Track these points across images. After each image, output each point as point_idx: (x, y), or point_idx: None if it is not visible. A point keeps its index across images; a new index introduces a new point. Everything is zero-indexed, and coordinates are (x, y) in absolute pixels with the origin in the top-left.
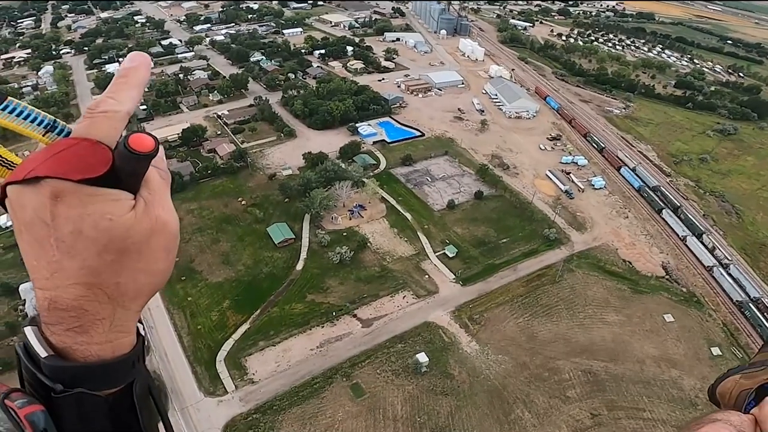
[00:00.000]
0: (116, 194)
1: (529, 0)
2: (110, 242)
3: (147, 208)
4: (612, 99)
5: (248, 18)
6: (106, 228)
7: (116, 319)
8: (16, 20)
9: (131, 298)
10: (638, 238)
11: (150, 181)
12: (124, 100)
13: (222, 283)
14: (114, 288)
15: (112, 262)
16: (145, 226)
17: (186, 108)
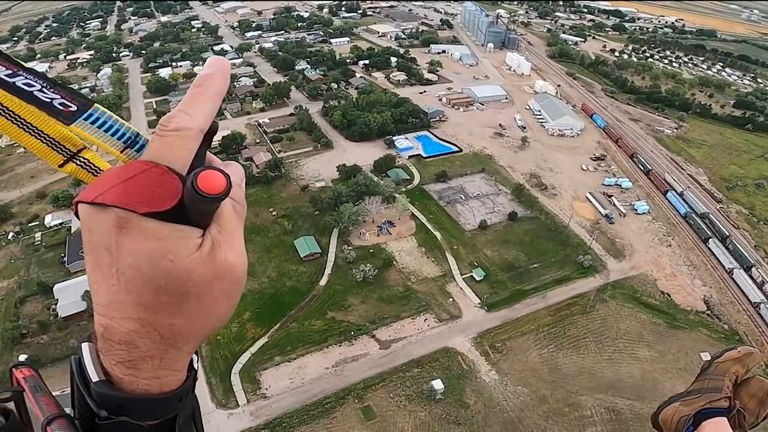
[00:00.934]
0: (182, 231)
1: (582, 15)
2: (168, 283)
3: (213, 249)
4: (664, 118)
5: (298, 26)
6: (166, 269)
7: (166, 358)
8: (85, 21)
9: (185, 340)
10: (680, 269)
11: (222, 216)
12: (198, 114)
13: (245, 294)
14: (168, 329)
15: (169, 303)
16: (209, 269)
17: (230, 115)
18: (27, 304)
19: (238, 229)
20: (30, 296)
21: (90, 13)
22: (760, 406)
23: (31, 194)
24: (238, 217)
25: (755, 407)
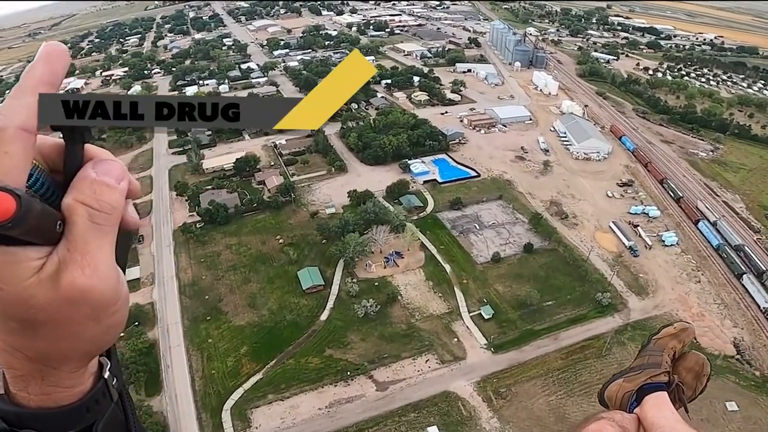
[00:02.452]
0: (11, 255)
1: (616, 33)
2: (7, 312)
3: (59, 271)
4: (699, 140)
5: (325, 45)
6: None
7: (47, 377)
8: (125, 37)
9: (58, 362)
10: (709, 308)
11: (72, 227)
12: (12, 111)
13: (244, 327)
14: (32, 350)
15: (21, 329)
16: (53, 294)
17: (248, 135)
18: None
19: (97, 244)
20: None
21: (130, 29)
22: (696, 380)
23: None
24: (99, 231)
25: (692, 381)
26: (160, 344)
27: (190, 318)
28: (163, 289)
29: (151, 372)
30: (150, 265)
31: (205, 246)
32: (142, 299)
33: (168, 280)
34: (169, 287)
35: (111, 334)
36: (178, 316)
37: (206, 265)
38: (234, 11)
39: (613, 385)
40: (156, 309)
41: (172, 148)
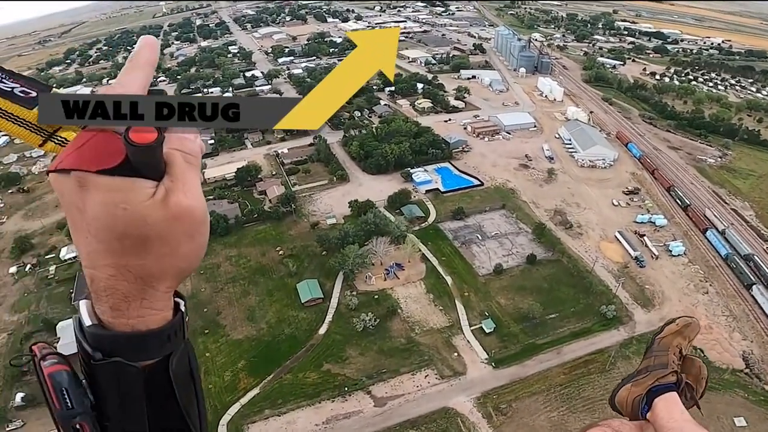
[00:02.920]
0: (133, 183)
1: (622, 37)
2: (127, 229)
3: (167, 195)
4: (707, 146)
5: (330, 52)
6: (122, 216)
7: (146, 297)
8: (132, 45)
9: (158, 279)
10: (717, 320)
11: (172, 166)
12: (128, 82)
13: (242, 341)
14: (140, 269)
15: (133, 246)
16: (164, 213)
17: (250, 144)
18: (32, 340)
19: (192, 177)
20: (35, 332)
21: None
22: (696, 383)
23: (52, 225)
24: (191, 168)
25: (693, 383)
26: None
27: (188, 331)
28: None
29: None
30: None
31: (205, 258)
32: None
33: None
34: None
35: (198, 252)
36: None
37: (206, 277)
38: (240, 18)
39: (623, 390)
40: None
41: None
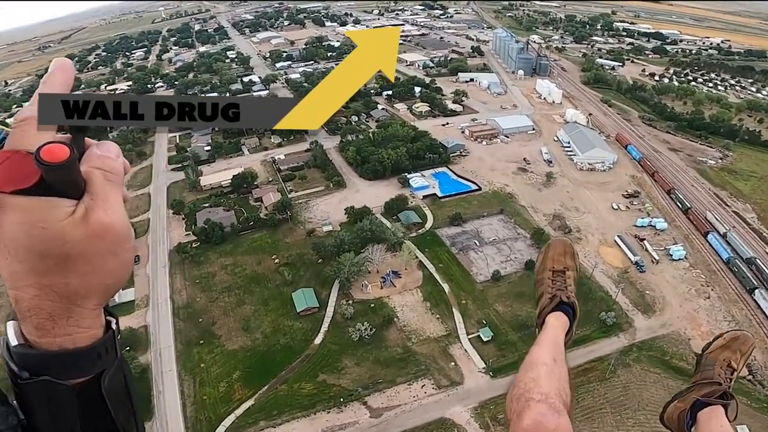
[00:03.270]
0: (49, 202)
1: (621, 38)
2: (47, 248)
3: (87, 214)
4: (707, 147)
5: (327, 56)
6: (39, 236)
7: (73, 315)
8: (131, 51)
9: (84, 297)
10: (719, 326)
11: (92, 184)
12: None
13: (237, 351)
14: (64, 287)
15: (56, 265)
16: (84, 231)
17: (247, 150)
18: None
19: (113, 194)
20: None
21: (137, 42)
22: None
23: None
24: (112, 185)
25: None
26: (152, 369)
27: (183, 342)
28: (157, 312)
29: (142, 398)
30: (145, 286)
31: (200, 266)
32: (135, 322)
33: (162, 303)
34: (163, 310)
35: (124, 269)
36: (171, 340)
37: (201, 287)
38: (239, 23)
39: (670, 407)
40: (149, 332)
41: (172, 164)
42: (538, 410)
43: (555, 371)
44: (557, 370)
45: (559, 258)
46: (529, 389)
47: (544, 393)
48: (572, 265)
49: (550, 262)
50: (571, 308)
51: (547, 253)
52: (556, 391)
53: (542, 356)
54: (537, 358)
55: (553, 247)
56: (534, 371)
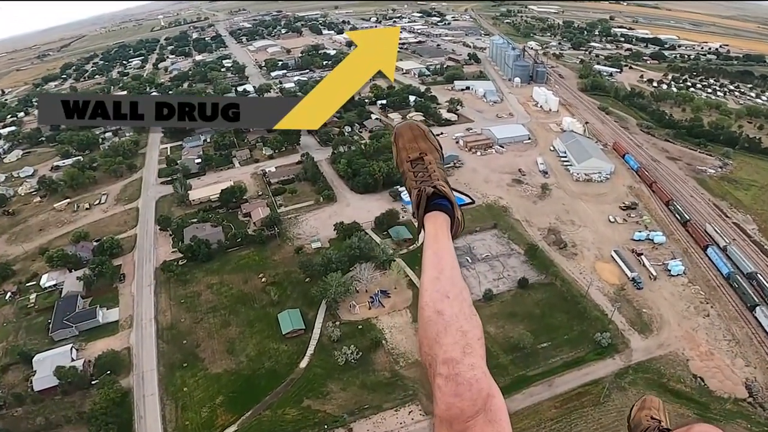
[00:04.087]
0: None
1: (619, 44)
2: None
3: None
4: (707, 155)
5: (323, 64)
6: None
7: None
8: (128, 60)
9: None
10: (719, 345)
11: None
12: None
13: (221, 375)
14: None
15: None
16: None
17: (238, 163)
18: (9, 373)
19: None
20: (12, 365)
21: (135, 51)
22: None
23: (34, 250)
24: None
25: None
26: (134, 393)
27: (166, 365)
28: (141, 333)
29: (123, 423)
30: (129, 306)
31: (186, 285)
32: (119, 344)
33: (146, 323)
34: (147, 331)
35: None
36: (154, 363)
37: (186, 307)
38: (236, 32)
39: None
40: (132, 355)
41: (162, 177)
42: (448, 390)
43: (453, 309)
44: (454, 304)
45: (411, 145)
46: (434, 356)
47: (447, 358)
48: (428, 147)
49: (404, 153)
50: (446, 198)
51: (398, 144)
52: (460, 338)
53: (435, 296)
54: (430, 302)
55: (401, 136)
56: (432, 327)
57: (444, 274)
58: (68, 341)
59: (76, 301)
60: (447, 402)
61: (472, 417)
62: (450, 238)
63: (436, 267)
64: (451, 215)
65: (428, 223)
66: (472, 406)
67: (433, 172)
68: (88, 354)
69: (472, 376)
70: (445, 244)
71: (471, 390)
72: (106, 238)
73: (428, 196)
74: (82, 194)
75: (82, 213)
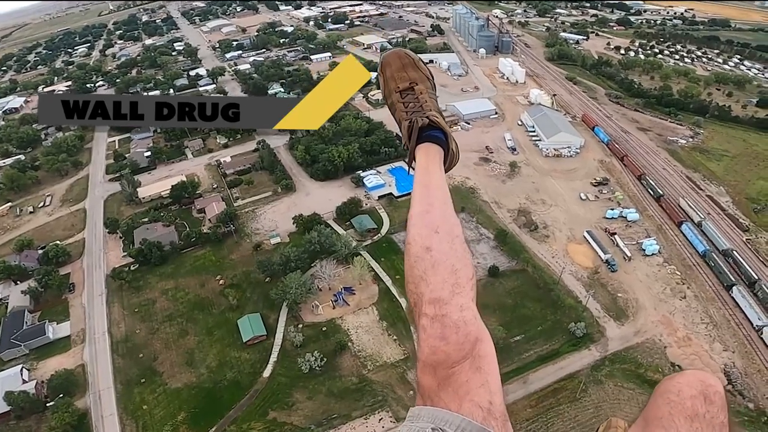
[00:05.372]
0: None
1: (584, 10)
2: None
3: None
4: (677, 125)
5: (280, 43)
6: None
7: None
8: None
9: None
10: (696, 329)
11: None
12: None
13: (181, 389)
14: None
15: None
16: None
17: (191, 154)
18: None
19: None
20: None
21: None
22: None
23: None
24: None
25: None
26: (92, 413)
27: (123, 381)
28: (95, 348)
29: None
30: (81, 319)
31: (139, 292)
32: (71, 362)
33: (100, 337)
34: (101, 345)
35: None
36: (111, 380)
37: (140, 316)
38: (189, 12)
39: None
40: (87, 372)
41: (110, 173)
42: (433, 332)
43: (442, 246)
44: (444, 240)
45: (401, 74)
46: (420, 294)
47: (434, 297)
48: (419, 76)
49: (393, 83)
50: (438, 129)
51: (385, 74)
52: (448, 276)
53: (423, 231)
54: (418, 238)
55: (389, 65)
56: (420, 265)
57: (434, 207)
58: (18, 361)
59: (23, 317)
60: (431, 345)
61: (457, 362)
62: (443, 172)
63: (425, 200)
64: (445, 147)
65: (420, 155)
66: (459, 351)
67: (425, 102)
68: (41, 374)
69: (460, 317)
70: (436, 177)
71: (458, 333)
72: (51, 246)
73: (421, 127)
74: (24, 196)
75: (26, 217)
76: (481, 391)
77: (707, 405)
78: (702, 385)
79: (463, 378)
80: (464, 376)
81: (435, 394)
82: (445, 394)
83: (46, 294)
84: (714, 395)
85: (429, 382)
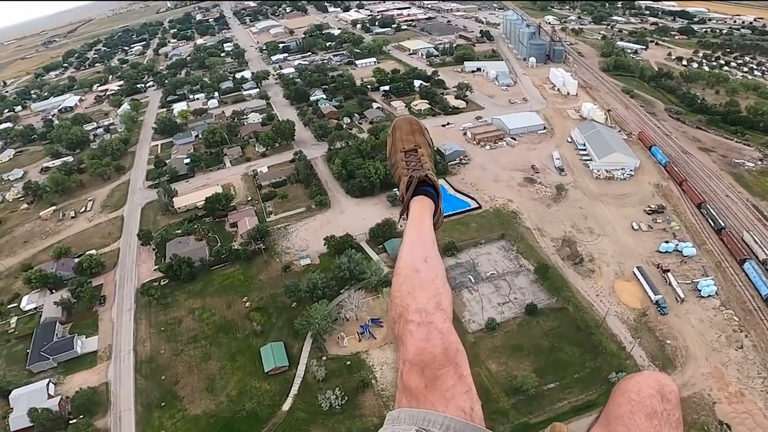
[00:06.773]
0: None
1: (644, 18)
2: None
3: None
4: (745, 145)
5: (326, 46)
6: None
7: None
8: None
9: None
10: (751, 384)
11: None
12: None
13: (200, 417)
14: None
15: None
16: None
17: (229, 162)
18: None
19: None
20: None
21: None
22: None
23: (17, 266)
24: None
25: None
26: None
27: (144, 404)
28: (119, 366)
29: None
30: (109, 334)
31: (167, 310)
32: (96, 379)
33: (125, 355)
34: (126, 364)
35: None
36: (132, 402)
37: (166, 335)
38: (240, 12)
39: None
40: (110, 392)
41: (150, 180)
42: (420, 335)
43: (429, 273)
44: (431, 269)
45: (408, 137)
46: (406, 305)
47: (420, 308)
48: (423, 141)
49: (400, 143)
50: (432, 187)
51: (394, 136)
52: (433, 296)
53: (413, 258)
54: (408, 263)
55: (400, 128)
56: (408, 283)
57: (425, 244)
58: (46, 374)
59: (54, 329)
60: (418, 346)
61: (443, 365)
62: (432, 224)
63: (417, 239)
64: (435, 203)
65: (414, 205)
66: (444, 354)
67: (424, 163)
68: (66, 389)
69: (444, 327)
70: (427, 224)
71: (442, 339)
72: (86, 257)
73: (419, 180)
74: (68, 200)
75: (68, 222)
76: (465, 397)
77: (664, 403)
78: (658, 385)
79: (450, 382)
80: (450, 380)
81: (423, 395)
82: (433, 396)
83: (78, 306)
84: (670, 394)
85: (417, 383)
